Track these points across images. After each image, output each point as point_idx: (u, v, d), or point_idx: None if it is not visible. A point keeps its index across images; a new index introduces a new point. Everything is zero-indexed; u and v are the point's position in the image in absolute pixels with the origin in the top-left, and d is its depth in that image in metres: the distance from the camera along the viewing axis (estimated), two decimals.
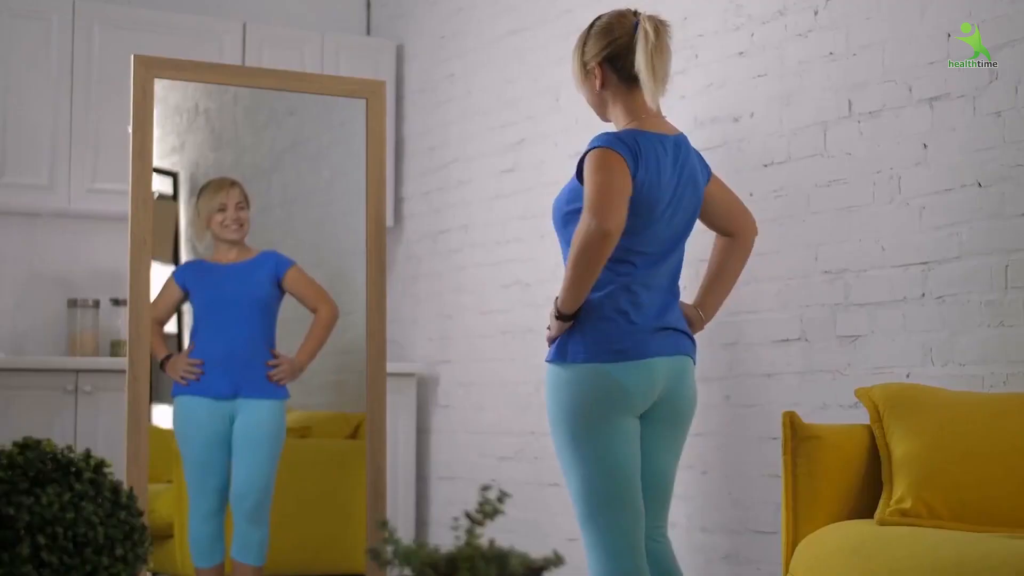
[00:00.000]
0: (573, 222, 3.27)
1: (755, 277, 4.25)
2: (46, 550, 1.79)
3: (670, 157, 3.32)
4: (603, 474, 3.22)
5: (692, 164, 3.39)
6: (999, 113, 3.60)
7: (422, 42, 6.08)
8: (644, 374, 3.24)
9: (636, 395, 3.24)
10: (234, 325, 4.64)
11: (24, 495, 1.82)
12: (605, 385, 3.21)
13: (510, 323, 5.38)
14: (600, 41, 3.39)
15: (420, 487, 5.87)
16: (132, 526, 1.89)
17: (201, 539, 4.58)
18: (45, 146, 5.45)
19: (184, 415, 4.62)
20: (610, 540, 3.23)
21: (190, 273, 4.75)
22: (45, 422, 5.11)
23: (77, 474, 1.89)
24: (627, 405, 3.23)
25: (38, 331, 5.67)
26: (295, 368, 4.69)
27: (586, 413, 3.22)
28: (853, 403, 3.90)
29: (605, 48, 3.37)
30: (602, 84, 3.40)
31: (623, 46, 3.36)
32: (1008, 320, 3.55)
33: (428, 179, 5.97)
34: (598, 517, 3.23)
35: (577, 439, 3.23)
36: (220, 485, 4.59)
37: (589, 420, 3.21)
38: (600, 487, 3.23)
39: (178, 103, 4.72)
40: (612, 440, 3.21)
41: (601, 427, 3.21)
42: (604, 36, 3.39)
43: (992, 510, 2.99)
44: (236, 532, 4.60)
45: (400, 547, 1.67)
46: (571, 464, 3.26)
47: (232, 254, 4.70)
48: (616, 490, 3.23)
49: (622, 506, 3.23)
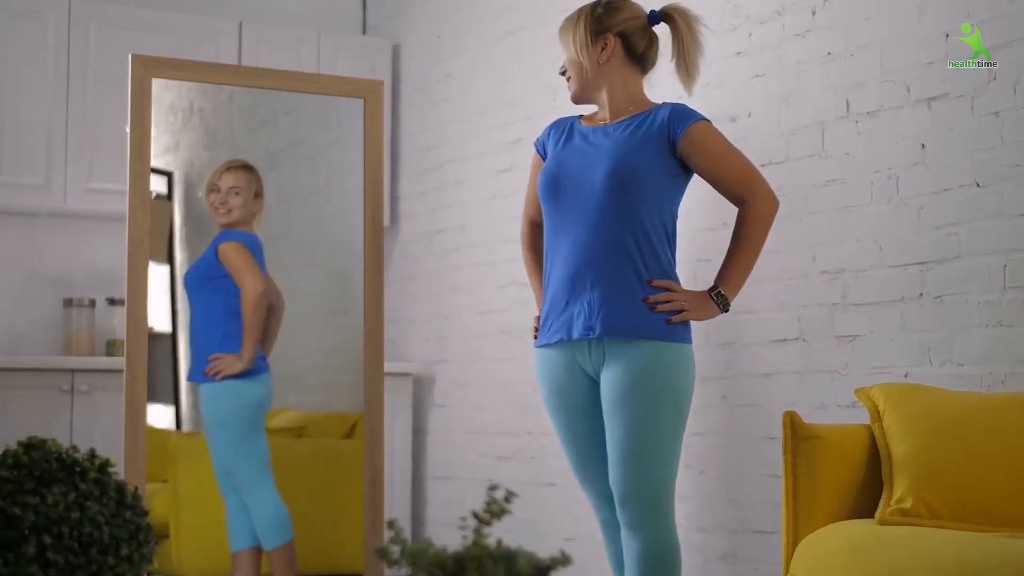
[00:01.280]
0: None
1: (753, 277, 4.23)
2: (52, 550, 1.79)
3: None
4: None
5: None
6: (997, 113, 3.60)
7: (418, 42, 6.07)
8: None
9: None
10: (194, 309, 4.68)
11: (30, 495, 1.81)
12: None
13: (507, 323, 5.38)
14: (619, 14, 3.40)
15: (416, 487, 5.87)
16: (137, 526, 1.89)
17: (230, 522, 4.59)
18: (41, 146, 5.45)
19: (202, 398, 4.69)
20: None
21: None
22: (41, 422, 5.10)
23: (82, 474, 1.88)
24: None
25: (34, 331, 5.66)
26: (234, 362, 4.64)
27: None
28: (851, 403, 3.90)
29: (625, 22, 3.39)
30: (610, 56, 3.40)
31: (637, 27, 3.38)
32: (1007, 320, 3.55)
33: (424, 179, 5.97)
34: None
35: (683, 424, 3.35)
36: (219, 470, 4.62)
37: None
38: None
39: (173, 102, 4.70)
40: None
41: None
42: (619, 11, 3.40)
43: (993, 510, 2.99)
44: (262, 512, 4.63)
45: (407, 547, 1.67)
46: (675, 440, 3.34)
47: None
48: None
49: None
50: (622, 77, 3.41)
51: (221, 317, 4.64)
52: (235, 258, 4.61)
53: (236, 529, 4.59)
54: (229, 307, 4.62)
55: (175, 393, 5.02)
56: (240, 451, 4.62)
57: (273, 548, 4.56)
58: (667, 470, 3.27)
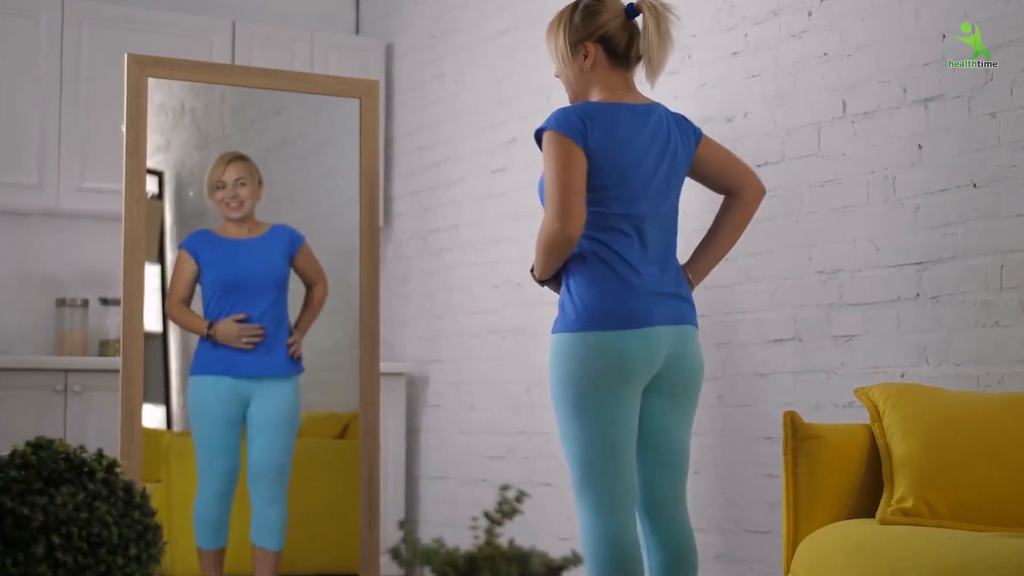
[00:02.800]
0: None
1: (749, 277, 4.26)
2: (61, 550, 1.78)
3: (641, 122, 3.32)
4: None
5: (666, 129, 3.36)
6: (994, 114, 3.61)
7: (411, 41, 6.07)
8: (644, 343, 3.24)
9: (637, 364, 3.22)
10: (251, 303, 4.61)
11: (38, 495, 1.81)
12: (605, 354, 3.22)
13: (501, 323, 5.39)
14: (595, 19, 3.36)
15: (409, 487, 5.86)
16: (146, 526, 1.89)
17: (208, 520, 4.55)
18: (34, 145, 5.43)
19: (200, 394, 4.59)
20: (605, 501, 3.23)
21: (200, 245, 4.68)
22: (34, 422, 5.09)
23: (90, 474, 1.88)
24: (627, 374, 3.22)
25: (27, 330, 5.65)
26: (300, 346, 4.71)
27: (588, 382, 3.23)
28: (847, 403, 3.91)
29: (601, 27, 3.36)
30: (593, 64, 3.39)
31: (617, 27, 3.36)
32: (1003, 321, 3.56)
33: (417, 179, 5.97)
34: (593, 481, 3.24)
35: (579, 408, 3.24)
36: (232, 467, 4.58)
37: (591, 389, 3.23)
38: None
39: (163, 101, 4.69)
40: (613, 411, 3.22)
41: (602, 397, 3.22)
42: (597, 15, 3.37)
43: (994, 510, 3.00)
44: (254, 514, 4.59)
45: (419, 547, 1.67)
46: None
47: (244, 229, 4.67)
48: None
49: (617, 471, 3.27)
50: (609, 79, 3.39)
51: (280, 320, 4.71)
52: (314, 259, 4.76)
53: (264, 527, 4.61)
54: (286, 308, 4.70)
55: (166, 392, 5.01)
56: (291, 446, 4.65)
57: (279, 550, 4.59)
58: (571, 456, 3.27)
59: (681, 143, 3.38)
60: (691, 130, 3.44)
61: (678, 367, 3.29)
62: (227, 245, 4.64)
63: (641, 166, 3.28)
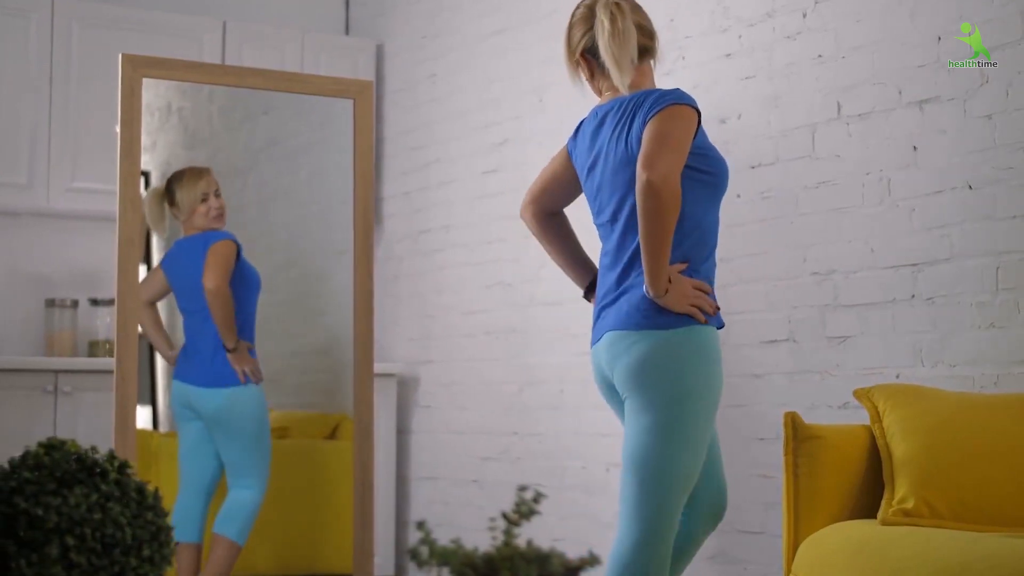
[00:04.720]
0: None
1: (743, 278, 4.27)
2: (75, 551, 1.78)
3: (592, 125, 3.36)
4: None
5: (608, 126, 3.30)
6: (990, 116, 3.63)
7: (402, 42, 6.07)
8: (593, 360, 3.32)
9: (598, 384, 3.34)
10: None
11: (51, 496, 1.81)
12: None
13: (492, 323, 5.38)
14: (577, 32, 3.39)
15: (400, 488, 5.86)
16: (158, 527, 1.89)
17: (186, 514, 4.55)
18: (24, 145, 5.41)
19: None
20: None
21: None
22: (24, 422, 5.07)
23: (103, 475, 1.88)
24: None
25: (16, 331, 5.62)
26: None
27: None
28: (842, 404, 3.92)
29: (582, 39, 3.38)
30: (591, 74, 3.41)
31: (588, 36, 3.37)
32: (998, 322, 3.58)
33: (409, 179, 5.96)
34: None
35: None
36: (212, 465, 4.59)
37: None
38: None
39: (150, 102, 4.66)
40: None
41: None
42: (579, 27, 3.39)
43: (995, 510, 3.01)
44: (226, 502, 4.58)
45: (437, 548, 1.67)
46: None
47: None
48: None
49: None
50: (610, 83, 3.41)
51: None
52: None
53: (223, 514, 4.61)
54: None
55: (152, 393, 5.00)
56: (264, 444, 4.66)
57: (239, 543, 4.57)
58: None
59: (627, 130, 3.28)
60: (645, 113, 3.22)
61: (617, 374, 3.21)
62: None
63: (581, 173, 3.44)
